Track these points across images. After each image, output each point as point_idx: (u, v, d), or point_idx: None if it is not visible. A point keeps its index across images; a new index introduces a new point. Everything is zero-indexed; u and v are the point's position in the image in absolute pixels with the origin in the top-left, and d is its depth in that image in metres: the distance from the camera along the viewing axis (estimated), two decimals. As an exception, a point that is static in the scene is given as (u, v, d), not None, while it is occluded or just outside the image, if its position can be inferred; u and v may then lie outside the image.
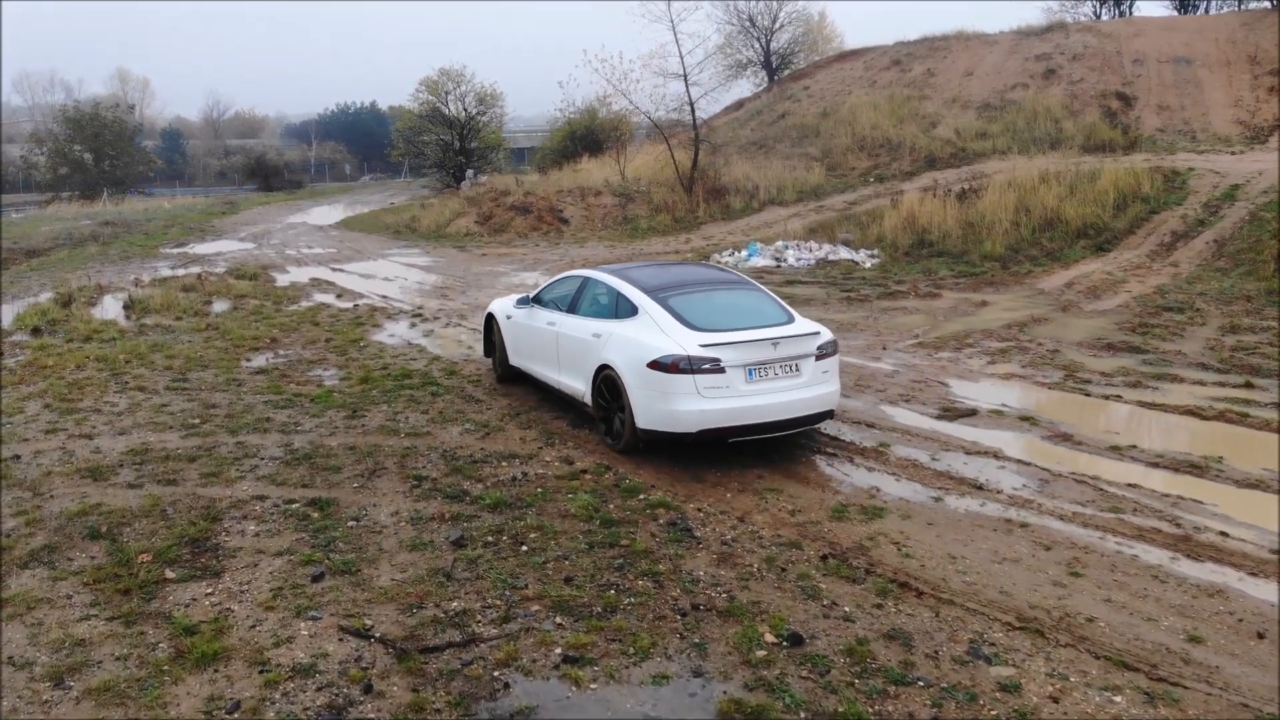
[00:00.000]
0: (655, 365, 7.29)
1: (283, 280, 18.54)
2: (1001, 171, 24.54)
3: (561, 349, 8.82)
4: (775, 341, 7.43)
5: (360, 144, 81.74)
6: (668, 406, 7.29)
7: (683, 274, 8.97)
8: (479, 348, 11.52)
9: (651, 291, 8.01)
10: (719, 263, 20.36)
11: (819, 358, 7.64)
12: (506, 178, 32.10)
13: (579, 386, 8.46)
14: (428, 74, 31.70)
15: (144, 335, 13.04)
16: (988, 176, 24.63)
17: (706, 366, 7.20)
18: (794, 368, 7.50)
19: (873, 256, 20.00)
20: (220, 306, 15.51)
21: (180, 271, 19.55)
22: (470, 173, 31.75)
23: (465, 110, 31.67)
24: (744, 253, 20.77)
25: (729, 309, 8.02)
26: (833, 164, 28.78)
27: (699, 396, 7.20)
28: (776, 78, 40.58)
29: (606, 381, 7.94)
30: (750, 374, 7.34)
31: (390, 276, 19.07)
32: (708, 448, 7.63)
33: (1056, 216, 20.52)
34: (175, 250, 24.52)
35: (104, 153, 45.47)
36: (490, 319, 10.49)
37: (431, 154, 32.44)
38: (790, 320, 7.88)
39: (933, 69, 33.60)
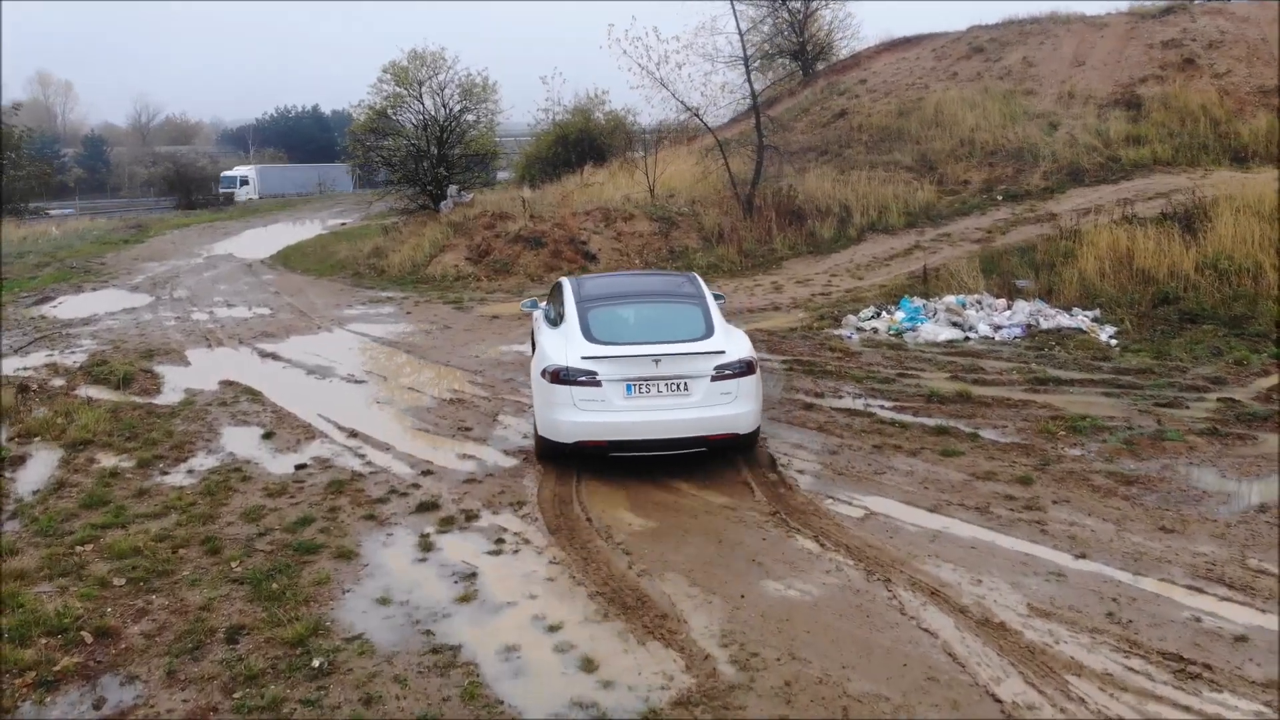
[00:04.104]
0: (544, 374, 7.40)
1: (174, 384, 10.97)
2: (1178, 191, 17.97)
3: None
4: (657, 359, 7.26)
5: (301, 150, 73.75)
6: (551, 415, 7.37)
7: (634, 284, 9.26)
8: (612, 670, 4.67)
9: (583, 302, 8.03)
10: (859, 328, 13.35)
11: (718, 378, 7.31)
12: (502, 196, 24.65)
13: None
14: (394, 59, 23.94)
15: None
16: (1160, 196, 18.05)
17: (582, 379, 7.22)
18: (682, 386, 7.29)
19: (1098, 321, 13.11)
20: (33, 475, 7.97)
21: (12, 366, 11.87)
22: (453, 189, 24.11)
23: (445, 106, 24.08)
24: (899, 314, 13.70)
25: (644, 322, 7.99)
26: (936, 177, 21.91)
27: (575, 408, 7.23)
28: (813, 69, 33.67)
29: None
30: (630, 390, 7.25)
31: (358, 373, 11.57)
32: None
33: (1335, 259, 13.86)
34: (32, 310, 16.66)
35: (-20, 164, 36.72)
36: None
37: (399, 164, 24.67)
38: (704, 337, 7.60)
39: (1029, 57, 26.97)
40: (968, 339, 12.74)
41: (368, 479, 7.63)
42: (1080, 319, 13.21)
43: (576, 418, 7.21)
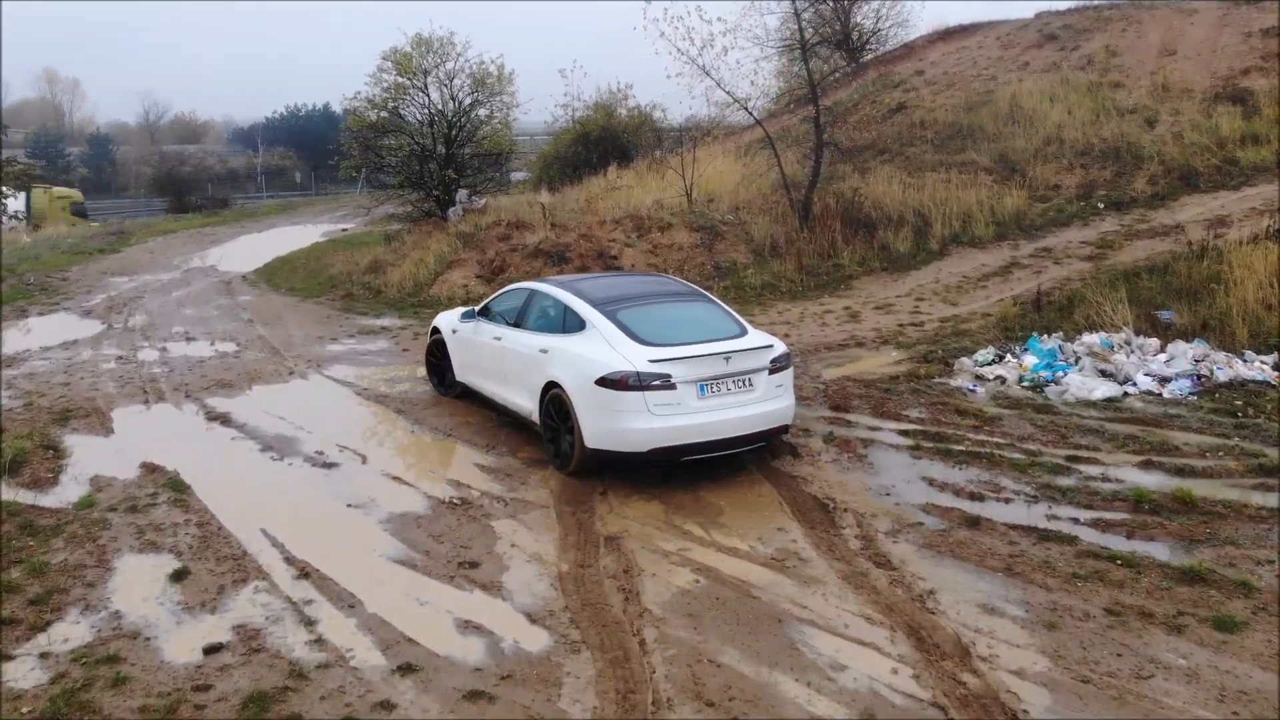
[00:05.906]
0: (603, 382, 7.04)
1: (79, 470, 8.09)
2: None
3: (507, 365, 8.47)
4: (728, 356, 7.21)
5: (311, 149, 71.08)
6: (617, 425, 7.04)
7: (632, 285, 8.68)
8: None
9: (600, 305, 7.71)
10: (980, 377, 10.43)
11: (773, 371, 7.40)
12: (518, 200, 21.70)
13: (526, 404, 8.06)
14: (396, 45, 21.03)
15: None
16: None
17: (657, 383, 6.99)
18: (747, 383, 7.29)
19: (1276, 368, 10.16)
20: None
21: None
22: (463, 194, 21.19)
23: (455, 99, 21.18)
24: (1028, 358, 10.74)
25: (680, 322, 7.77)
26: (1023, 181, 18.90)
27: (649, 414, 6.97)
28: (860, 60, 30.65)
29: (554, 400, 7.53)
30: (702, 390, 7.14)
31: (329, 450, 8.63)
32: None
33: None
34: (-45, 341, 13.88)
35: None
36: (435, 332, 10.06)
37: (401, 164, 21.78)
38: (743, 333, 7.63)
39: (1112, 46, 23.88)
40: (1126, 394, 9.79)
41: (311, 686, 4.71)
42: (1259, 367, 10.25)
43: (652, 424, 6.94)
